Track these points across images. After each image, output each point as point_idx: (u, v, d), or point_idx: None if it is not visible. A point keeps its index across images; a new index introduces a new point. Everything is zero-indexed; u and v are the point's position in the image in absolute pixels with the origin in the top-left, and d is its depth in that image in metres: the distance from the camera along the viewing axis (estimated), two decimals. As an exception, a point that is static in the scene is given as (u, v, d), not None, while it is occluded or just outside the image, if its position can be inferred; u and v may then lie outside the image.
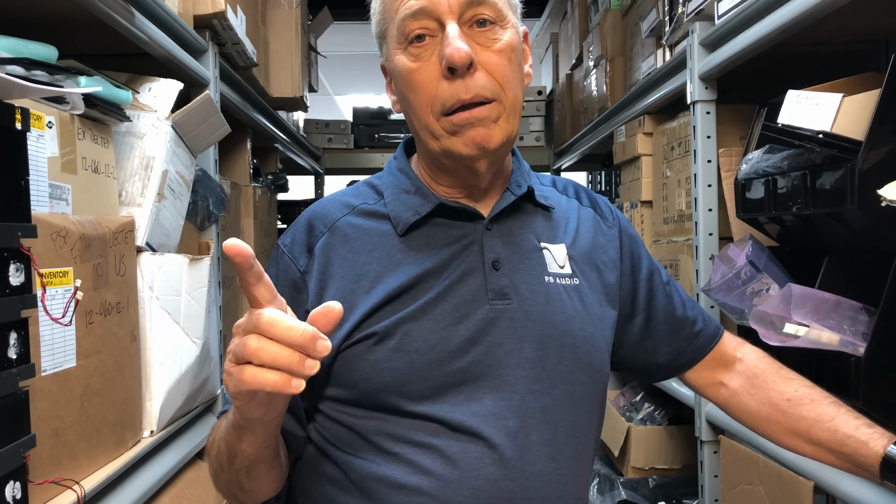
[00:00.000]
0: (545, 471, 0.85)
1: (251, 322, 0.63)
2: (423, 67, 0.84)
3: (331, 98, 7.06)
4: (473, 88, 0.82)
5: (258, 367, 0.63)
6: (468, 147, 0.84)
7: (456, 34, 0.82)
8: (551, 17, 4.24)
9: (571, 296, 0.91)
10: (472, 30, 0.84)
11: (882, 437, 0.84)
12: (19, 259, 0.80)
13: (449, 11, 0.82)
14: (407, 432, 0.84)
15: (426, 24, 0.83)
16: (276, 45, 2.32)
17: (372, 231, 0.91)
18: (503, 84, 0.84)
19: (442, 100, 0.83)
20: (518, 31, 0.89)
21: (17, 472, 0.80)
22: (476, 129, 0.83)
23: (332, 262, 0.89)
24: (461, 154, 0.85)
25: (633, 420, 2.22)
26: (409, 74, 0.85)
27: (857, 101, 1.14)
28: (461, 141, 0.84)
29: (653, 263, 1.03)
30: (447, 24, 0.82)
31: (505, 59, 0.85)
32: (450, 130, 0.84)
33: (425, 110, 0.85)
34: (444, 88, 0.83)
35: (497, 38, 0.85)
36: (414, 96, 0.85)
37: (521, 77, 0.89)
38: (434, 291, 0.86)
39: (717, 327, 1.04)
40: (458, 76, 0.82)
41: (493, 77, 0.83)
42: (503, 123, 0.85)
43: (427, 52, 0.84)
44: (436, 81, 0.83)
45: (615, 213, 1.03)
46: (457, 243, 0.89)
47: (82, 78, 1.02)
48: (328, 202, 0.96)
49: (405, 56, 0.85)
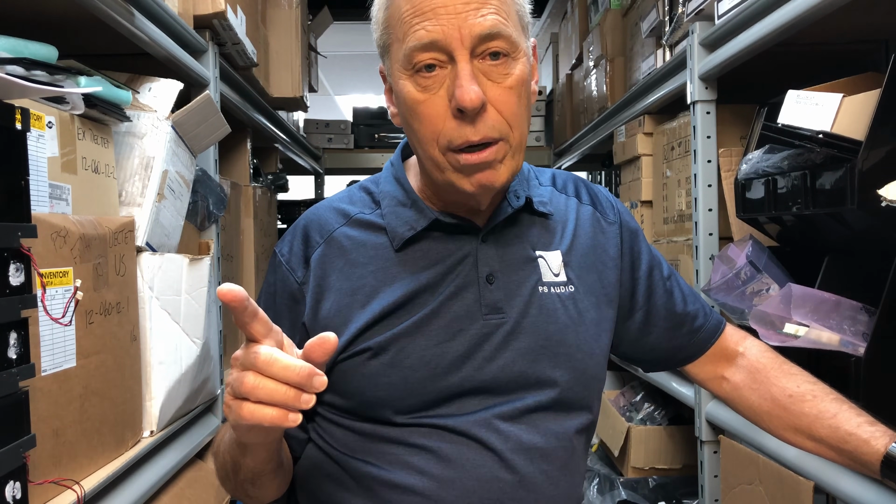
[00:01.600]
0: (537, 473, 0.86)
1: (248, 359, 0.65)
2: (431, 100, 0.80)
3: (331, 98, 7.06)
4: (482, 130, 0.79)
5: (256, 403, 0.65)
6: (473, 187, 0.83)
7: (468, 74, 0.78)
8: (551, 17, 4.24)
9: (566, 304, 0.91)
10: (484, 62, 0.80)
11: (884, 436, 0.84)
12: (19, 259, 0.80)
13: (461, 46, 0.78)
14: (402, 435, 0.86)
15: (436, 55, 0.79)
16: (276, 45, 2.32)
17: (368, 244, 0.90)
18: (511, 123, 0.81)
19: (449, 137, 0.80)
20: (529, 58, 0.85)
21: (17, 472, 0.80)
22: (483, 172, 0.82)
23: (329, 275, 0.90)
24: (465, 191, 0.84)
25: (633, 420, 2.22)
26: (416, 105, 0.82)
27: (857, 101, 1.14)
28: (467, 181, 0.82)
29: (654, 258, 1.02)
30: (459, 59, 0.78)
31: (515, 96, 0.82)
32: (456, 167, 0.82)
33: (431, 143, 0.82)
34: (452, 126, 0.80)
35: (509, 73, 0.81)
36: (419, 127, 0.82)
37: (529, 110, 0.86)
38: (428, 308, 0.87)
39: (718, 321, 1.04)
40: (468, 117, 0.79)
41: (502, 116, 0.81)
42: (508, 162, 0.83)
43: (435, 85, 0.80)
44: (443, 117, 0.80)
45: (616, 208, 1.02)
46: (451, 257, 0.89)
47: (82, 78, 1.02)
48: (324, 209, 0.95)
49: (411, 84, 0.82)
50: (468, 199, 0.87)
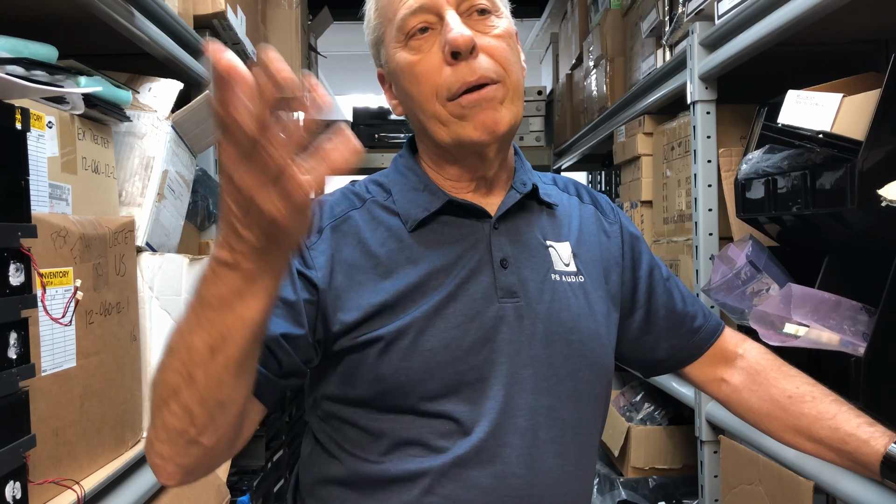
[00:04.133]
0: (552, 468, 0.86)
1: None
2: (425, 58, 0.85)
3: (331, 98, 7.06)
4: (478, 70, 0.83)
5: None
6: (478, 131, 0.84)
7: (457, 19, 0.83)
8: (551, 17, 4.23)
9: (577, 293, 0.92)
10: (471, 18, 0.85)
11: (883, 436, 0.84)
12: (19, 259, 0.80)
13: (447, 3, 0.84)
14: (419, 434, 0.85)
15: (426, 18, 0.85)
16: (276, 45, 2.31)
17: (383, 223, 0.90)
18: (505, 66, 0.85)
19: (447, 85, 0.84)
20: (511, 24, 0.90)
21: (17, 472, 0.80)
22: (485, 111, 0.84)
23: (342, 249, 0.87)
24: (471, 140, 0.85)
25: (633, 420, 2.22)
26: (412, 66, 0.85)
27: (857, 101, 1.14)
28: (471, 125, 0.84)
29: (653, 259, 1.04)
30: (446, 13, 0.84)
31: (504, 44, 0.86)
32: (458, 115, 0.84)
33: (430, 99, 0.85)
34: (448, 74, 0.83)
35: (495, 26, 0.87)
36: (417, 87, 0.86)
37: (520, 64, 0.90)
38: (445, 290, 0.86)
39: (717, 323, 1.04)
40: (462, 59, 0.83)
41: (495, 60, 0.85)
42: (509, 105, 0.86)
43: (427, 44, 0.85)
44: (439, 69, 0.84)
45: (616, 211, 1.04)
46: (465, 241, 0.90)
47: (82, 78, 1.02)
48: (338, 193, 0.95)
49: (405, 51, 0.86)
50: (477, 154, 0.88)
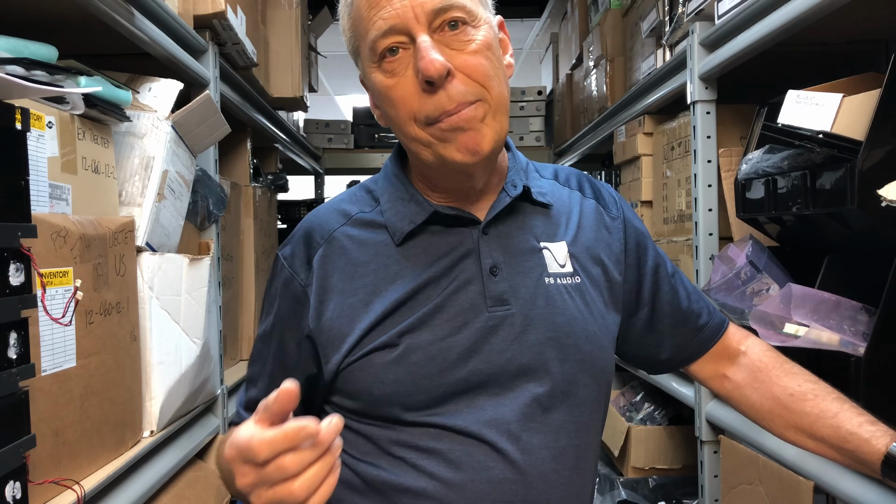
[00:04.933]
0: (548, 473, 0.85)
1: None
2: (400, 83, 0.82)
3: (331, 98, 7.06)
4: (456, 97, 0.80)
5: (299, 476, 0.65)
6: (461, 153, 0.82)
7: (428, 45, 0.79)
8: (551, 17, 4.24)
9: (573, 295, 0.90)
10: (445, 34, 0.81)
11: (885, 435, 0.84)
12: (19, 259, 0.80)
13: (417, 23, 0.80)
14: (411, 438, 0.85)
15: (396, 39, 0.81)
16: (276, 45, 2.32)
17: (369, 242, 0.90)
18: (484, 84, 0.82)
19: (425, 112, 0.81)
20: (492, 26, 0.86)
21: (17, 472, 0.80)
22: (466, 133, 0.81)
23: (331, 276, 0.89)
24: (455, 162, 0.83)
25: (633, 420, 2.22)
26: (388, 91, 0.83)
27: (857, 101, 1.14)
28: (454, 147, 0.82)
29: (659, 255, 1.01)
30: (418, 36, 0.80)
31: (483, 59, 0.82)
32: (439, 137, 0.82)
33: (409, 123, 0.83)
34: (426, 101, 0.81)
35: (471, 40, 0.82)
36: (395, 112, 0.84)
37: (503, 72, 0.86)
38: (433, 302, 0.86)
39: (721, 320, 1.03)
40: (438, 87, 0.80)
41: (472, 79, 0.81)
42: (490, 122, 0.83)
43: (401, 67, 0.82)
44: (415, 95, 0.81)
45: (619, 204, 1.01)
46: (453, 252, 0.89)
47: (82, 78, 1.02)
48: (325, 211, 0.95)
49: (380, 73, 0.84)
50: (462, 173, 0.86)
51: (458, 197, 0.91)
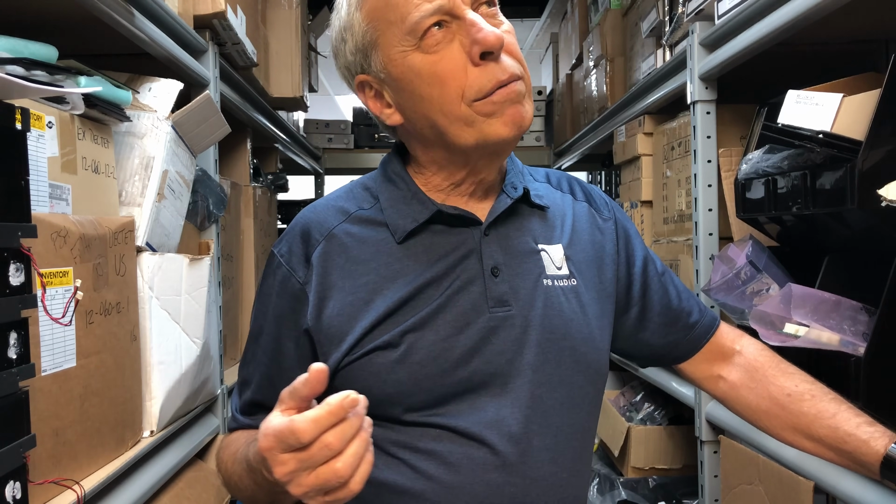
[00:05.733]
0: (547, 475, 0.86)
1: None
2: (446, 56, 0.82)
3: (331, 98, 7.06)
4: (508, 69, 0.82)
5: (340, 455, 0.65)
6: (507, 127, 0.83)
7: (482, 18, 0.82)
8: (551, 17, 4.24)
9: (569, 297, 0.91)
10: (481, 13, 0.83)
11: (883, 436, 0.84)
12: (19, 259, 0.80)
13: (462, 2, 0.82)
14: (410, 439, 0.85)
15: (441, 17, 0.82)
16: (276, 45, 2.32)
17: (369, 240, 0.89)
18: (522, 63, 0.85)
19: (477, 86, 0.81)
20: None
21: (17, 472, 0.80)
22: (514, 106, 0.82)
23: (331, 273, 0.88)
24: (499, 137, 0.83)
25: (633, 420, 2.22)
26: (433, 66, 0.82)
27: (857, 101, 1.14)
28: (500, 121, 0.82)
29: (648, 255, 1.02)
30: (464, 12, 0.82)
31: (514, 40, 0.86)
32: (487, 112, 0.82)
33: (455, 100, 0.82)
34: (477, 74, 0.81)
35: (503, 21, 0.86)
36: (441, 89, 0.82)
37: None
38: (435, 302, 0.86)
39: (713, 319, 1.03)
40: (492, 59, 0.81)
41: (513, 57, 0.84)
42: (528, 100, 0.85)
43: (445, 40, 0.82)
44: (464, 68, 0.81)
45: (610, 206, 1.02)
46: (456, 251, 0.88)
47: (82, 78, 1.02)
48: (322, 207, 0.94)
49: (420, 53, 0.82)
50: (497, 154, 0.88)
51: (465, 194, 0.91)
